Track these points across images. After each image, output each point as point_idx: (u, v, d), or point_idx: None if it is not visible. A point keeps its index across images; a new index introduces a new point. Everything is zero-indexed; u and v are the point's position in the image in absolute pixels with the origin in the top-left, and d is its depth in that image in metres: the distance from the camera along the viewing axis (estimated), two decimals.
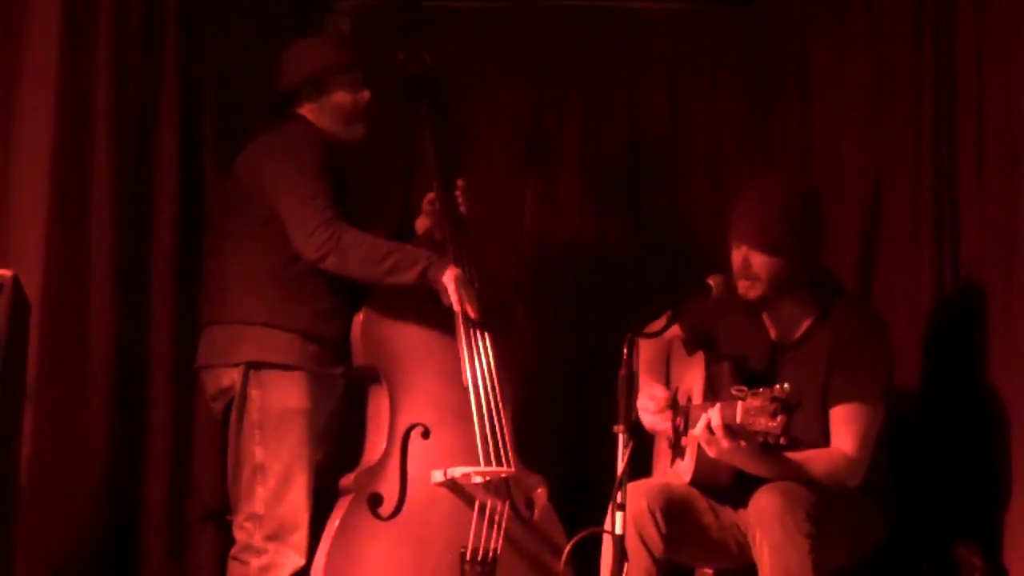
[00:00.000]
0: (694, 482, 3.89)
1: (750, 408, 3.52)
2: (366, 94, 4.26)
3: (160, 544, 4.35)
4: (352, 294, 4.17)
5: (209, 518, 4.26)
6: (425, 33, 4.48)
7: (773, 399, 3.48)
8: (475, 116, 5.01)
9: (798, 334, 3.95)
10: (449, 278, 4.09)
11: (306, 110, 4.25)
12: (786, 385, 3.50)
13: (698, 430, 3.64)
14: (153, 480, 4.35)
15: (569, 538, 4.01)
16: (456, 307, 4.11)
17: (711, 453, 3.67)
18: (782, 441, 3.50)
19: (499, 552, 4.10)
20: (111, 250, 4.21)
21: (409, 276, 4.07)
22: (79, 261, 4.15)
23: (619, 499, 3.44)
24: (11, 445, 3.62)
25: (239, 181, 4.17)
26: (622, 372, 3.48)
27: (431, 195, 4.38)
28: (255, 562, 4.05)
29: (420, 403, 4.18)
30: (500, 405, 4.16)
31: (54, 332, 4.01)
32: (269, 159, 4.13)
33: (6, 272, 3.49)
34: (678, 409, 3.97)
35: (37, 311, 3.84)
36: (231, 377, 4.10)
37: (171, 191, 4.39)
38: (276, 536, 4.04)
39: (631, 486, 3.53)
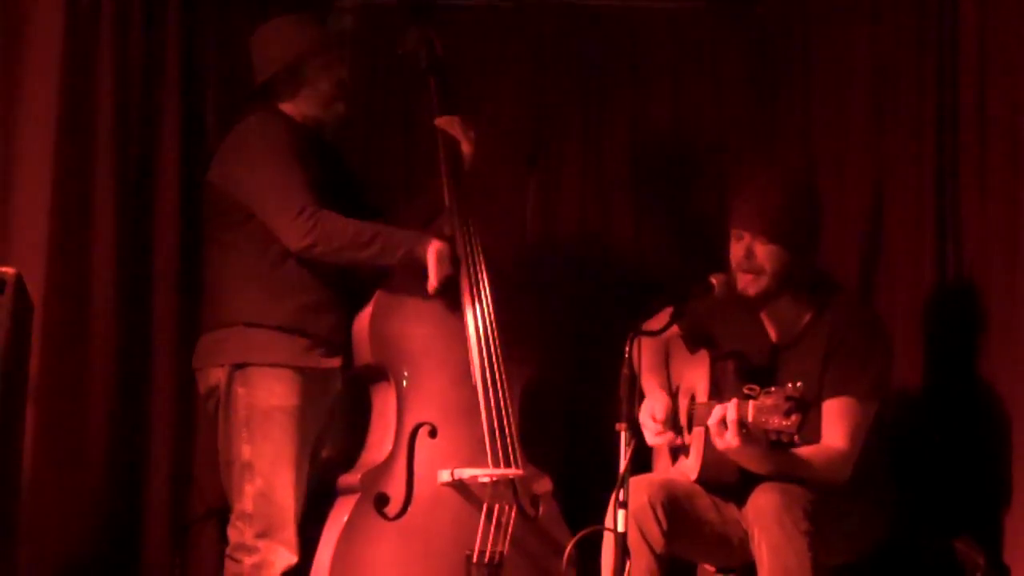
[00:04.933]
0: (700, 479, 3.89)
1: (763, 407, 3.52)
2: (343, 73, 4.24)
3: (162, 543, 4.35)
4: (340, 287, 4.16)
5: (210, 517, 4.25)
6: (437, 19, 4.44)
7: (788, 398, 3.48)
8: (478, 114, 5.00)
9: (796, 333, 3.94)
10: (431, 252, 4.07)
11: (282, 97, 4.21)
12: (799, 384, 3.50)
13: (712, 420, 3.62)
14: (155, 479, 4.35)
15: (572, 534, 4.02)
16: (432, 281, 4.08)
17: (719, 445, 3.66)
18: (795, 440, 3.50)
19: (505, 554, 4.08)
20: (113, 249, 4.23)
21: (393, 258, 4.06)
22: (81, 260, 4.16)
23: (621, 496, 3.45)
24: (13, 443, 3.62)
25: (213, 187, 4.16)
26: (624, 370, 3.48)
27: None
28: (248, 560, 4.04)
29: (428, 402, 4.15)
30: (509, 404, 4.14)
31: (56, 331, 4.02)
32: (235, 161, 4.12)
33: (9, 270, 3.49)
34: (677, 415, 3.96)
35: (40, 310, 3.85)
36: (217, 376, 4.10)
37: (173, 188, 4.40)
38: (266, 533, 4.03)
39: (632, 481, 3.52)
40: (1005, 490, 3.84)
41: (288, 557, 4.04)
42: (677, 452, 4.03)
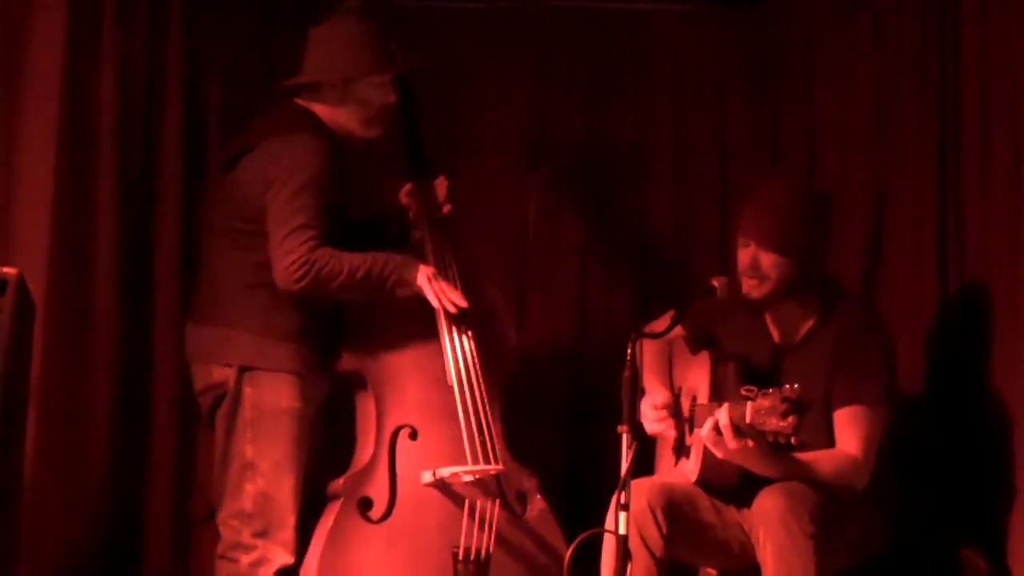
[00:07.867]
0: (700, 481, 3.88)
1: (760, 408, 3.51)
2: (393, 97, 4.17)
3: (163, 544, 4.36)
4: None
5: (212, 519, 4.24)
6: (401, 31, 4.39)
7: (784, 399, 3.48)
8: (480, 117, 5.00)
9: (800, 336, 3.95)
10: (422, 279, 4.06)
11: (324, 102, 4.14)
12: (796, 385, 3.50)
13: (705, 431, 3.63)
14: (156, 480, 4.35)
15: (564, 533, 4.04)
16: (436, 305, 4.08)
17: (718, 454, 3.66)
18: (793, 441, 3.50)
19: (492, 550, 4.07)
20: (115, 249, 4.22)
21: (384, 292, 4.05)
22: (83, 260, 4.16)
23: (623, 499, 3.45)
24: (15, 445, 3.61)
25: (239, 183, 4.08)
26: (626, 372, 3.48)
27: (407, 187, 4.33)
28: (245, 559, 4.03)
29: (407, 404, 4.15)
30: (486, 401, 4.12)
31: (58, 331, 4.01)
32: (271, 174, 4.02)
33: (11, 270, 3.48)
34: (679, 413, 3.96)
35: (41, 310, 3.84)
36: (223, 374, 4.07)
37: (175, 190, 4.39)
38: (265, 533, 4.02)
39: (632, 484, 3.51)
40: (1008, 494, 3.84)
41: (285, 557, 4.04)
42: (679, 454, 4.03)
